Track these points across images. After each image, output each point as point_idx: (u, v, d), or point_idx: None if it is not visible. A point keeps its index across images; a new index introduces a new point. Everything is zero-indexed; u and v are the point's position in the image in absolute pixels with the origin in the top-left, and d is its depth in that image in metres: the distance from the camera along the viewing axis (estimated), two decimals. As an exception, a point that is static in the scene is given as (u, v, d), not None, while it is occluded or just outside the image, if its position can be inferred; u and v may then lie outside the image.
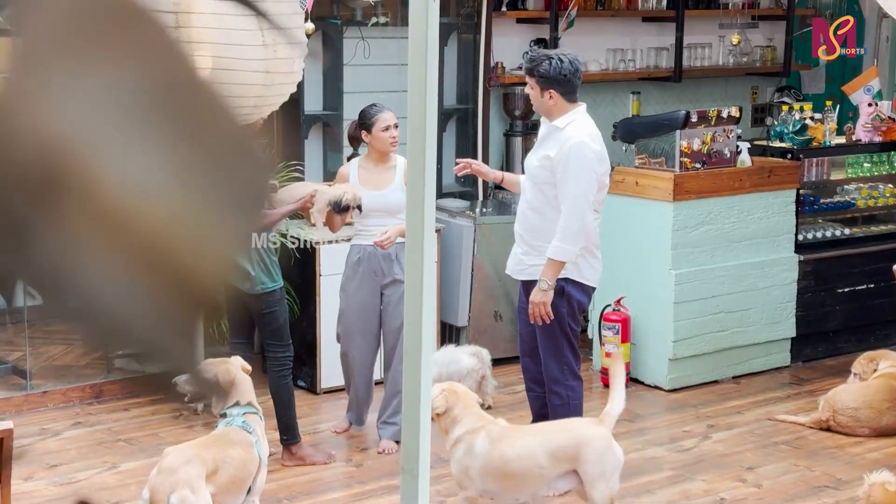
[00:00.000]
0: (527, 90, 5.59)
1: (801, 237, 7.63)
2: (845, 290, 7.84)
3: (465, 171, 5.90)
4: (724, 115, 7.09)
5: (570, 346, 5.54)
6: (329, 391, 6.95)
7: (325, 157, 7.77)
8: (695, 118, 6.98)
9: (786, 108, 8.07)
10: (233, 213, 0.97)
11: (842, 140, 7.98)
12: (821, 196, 7.94)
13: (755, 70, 9.44)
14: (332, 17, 7.61)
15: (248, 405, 4.79)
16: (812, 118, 7.82)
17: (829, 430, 6.45)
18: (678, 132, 6.95)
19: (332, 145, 7.77)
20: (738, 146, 7.25)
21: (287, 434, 5.86)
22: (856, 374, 6.60)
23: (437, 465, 5.65)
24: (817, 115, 7.87)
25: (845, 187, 8.12)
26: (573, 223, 5.27)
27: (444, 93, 8.05)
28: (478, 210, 7.77)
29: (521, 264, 5.56)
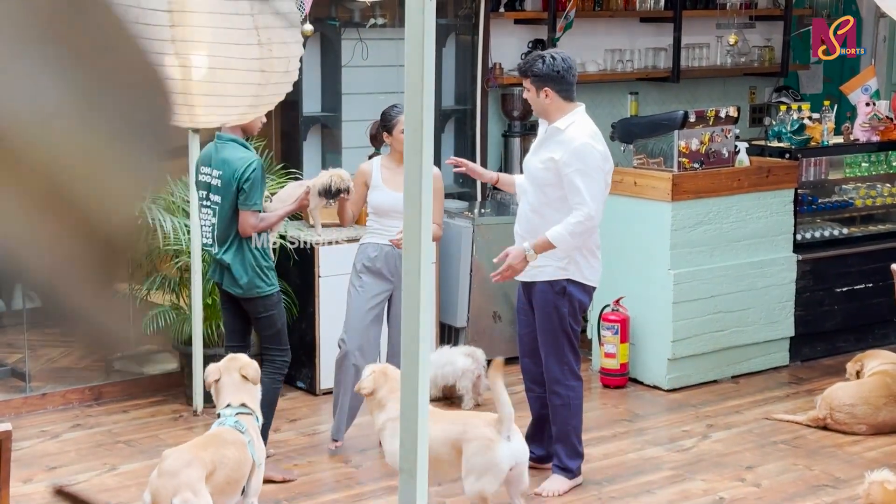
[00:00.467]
0: (524, 94, 5.60)
1: (799, 237, 7.63)
2: (843, 289, 7.85)
3: (459, 168, 5.91)
4: (723, 115, 7.09)
5: (570, 347, 5.55)
6: (328, 392, 6.94)
7: (323, 158, 7.77)
8: (693, 118, 6.99)
9: (784, 107, 8.07)
10: (138, 150, 0.92)
11: (840, 140, 7.98)
12: (819, 196, 7.95)
13: (753, 70, 9.45)
14: (330, 18, 7.62)
15: (242, 406, 4.80)
16: (810, 118, 7.83)
17: (826, 428, 6.46)
18: (676, 132, 6.95)
19: (330, 147, 7.77)
20: (736, 146, 7.26)
21: None
22: (848, 376, 6.68)
23: (436, 465, 5.66)
24: (815, 115, 7.88)
25: (843, 187, 8.13)
26: (587, 223, 5.28)
27: (443, 94, 8.05)
28: (476, 211, 7.78)
29: (522, 265, 5.57)
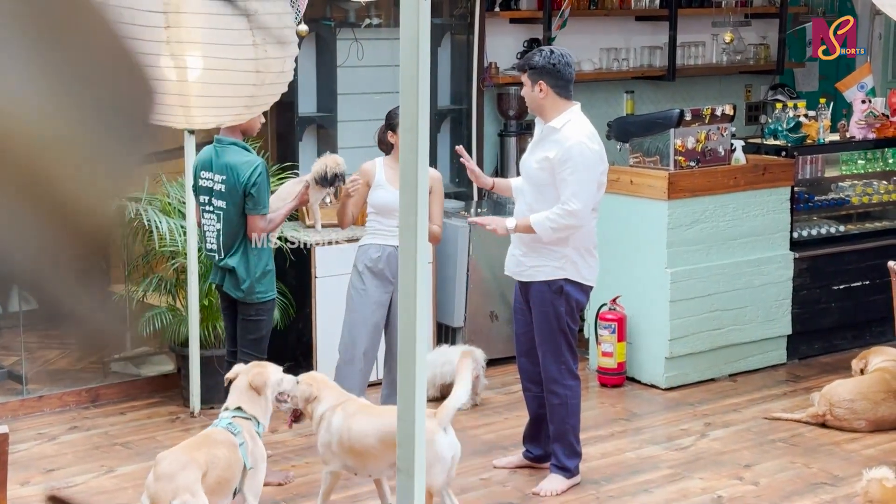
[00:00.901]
0: (522, 91, 5.60)
1: (796, 234, 7.64)
2: (840, 286, 7.85)
3: (465, 160, 5.89)
4: (718, 113, 7.09)
5: (568, 346, 5.55)
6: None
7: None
8: (689, 116, 6.98)
9: (780, 105, 8.07)
10: (118, 138, 0.90)
11: (836, 137, 7.99)
12: (815, 193, 7.95)
13: (749, 68, 9.45)
14: (326, 18, 7.61)
15: (238, 410, 4.83)
16: (806, 115, 7.83)
17: (825, 425, 6.47)
18: (672, 131, 6.95)
19: (326, 147, 7.75)
20: (732, 144, 7.26)
21: None
22: (853, 374, 6.68)
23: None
24: (811, 113, 7.88)
25: (840, 184, 8.13)
26: (569, 219, 5.28)
27: (438, 93, 8.05)
28: (473, 210, 7.78)
29: (520, 265, 5.57)
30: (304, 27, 6.26)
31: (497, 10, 8.21)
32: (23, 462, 5.89)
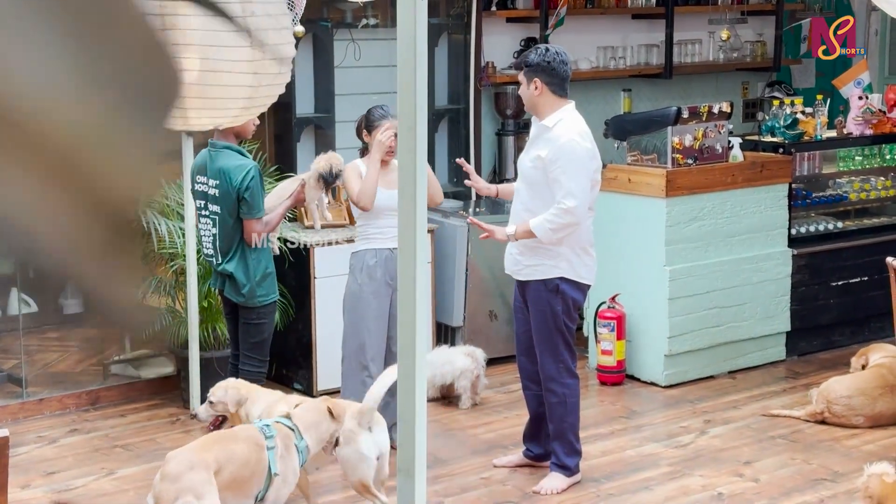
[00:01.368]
0: (519, 90, 5.60)
1: (794, 231, 7.64)
2: (839, 283, 7.86)
3: (467, 171, 5.87)
4: (716, 110, 7.10)
5: (566, 344, 5.55)
6: (326, 393, 6.94)
7: (317, 159, 7.76)
8: (686, 114, 6.99)
9: (777, 102, 8.08)
10: (146, 123, 0.91)
11: (833, 134, 7.99)
12: (813, 190, 7.96)
13: (745, 65, 9.46)
14: (323, 19, 7.61)
15: (286, 418, 4.78)
16: (803, 112, 7.83)
17: (823, 422, 6.47)
18: (670, 128, 6.96)
19: (324, 147, 7.75)
20: (729, 141, 7.26)
21: None
22: (853, 370, 6.69)
23: (434, 465, 5.66)
24: (808, 110, 7.88)
25: (837, 181, 8.14)
26: (567, 217, 5.28)
27: (436, 93, 8.05)
28: (471, 210, 7.78)
29: (517, 264, 5.57)
30: (300, 28, 6.25)
31: (494, 9, 8.21)
32: (23, 465, 5.89)
